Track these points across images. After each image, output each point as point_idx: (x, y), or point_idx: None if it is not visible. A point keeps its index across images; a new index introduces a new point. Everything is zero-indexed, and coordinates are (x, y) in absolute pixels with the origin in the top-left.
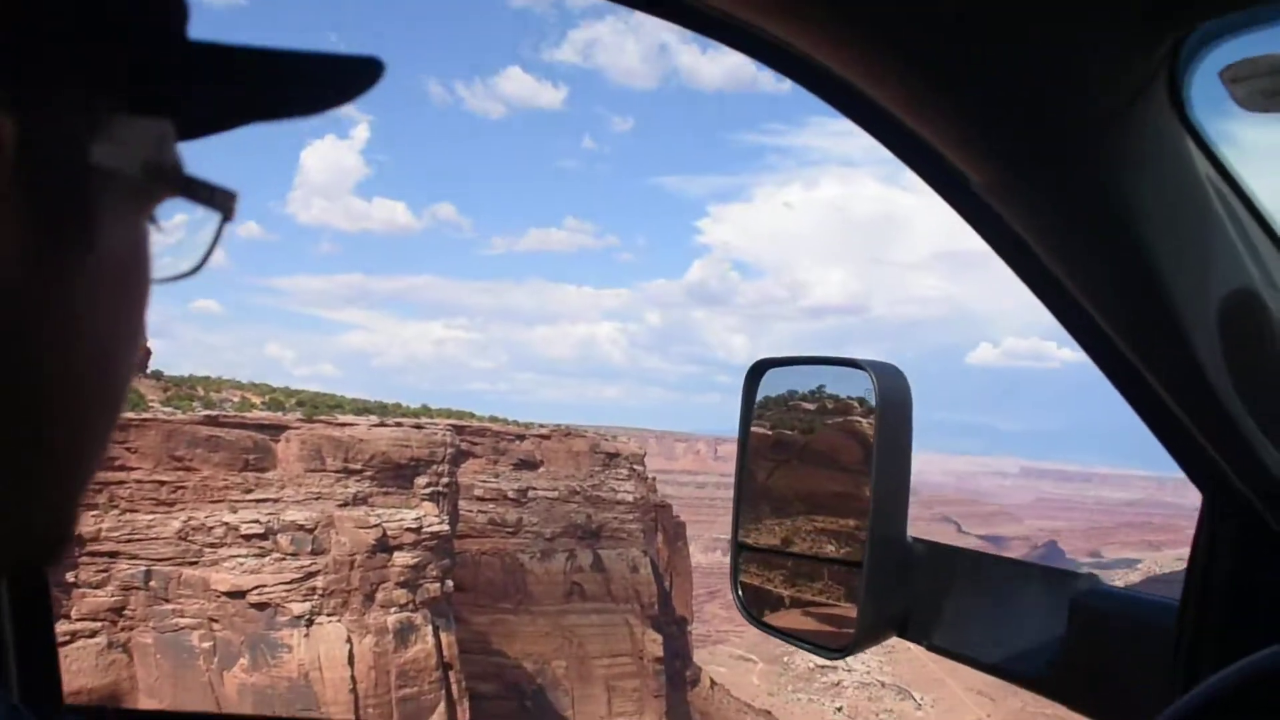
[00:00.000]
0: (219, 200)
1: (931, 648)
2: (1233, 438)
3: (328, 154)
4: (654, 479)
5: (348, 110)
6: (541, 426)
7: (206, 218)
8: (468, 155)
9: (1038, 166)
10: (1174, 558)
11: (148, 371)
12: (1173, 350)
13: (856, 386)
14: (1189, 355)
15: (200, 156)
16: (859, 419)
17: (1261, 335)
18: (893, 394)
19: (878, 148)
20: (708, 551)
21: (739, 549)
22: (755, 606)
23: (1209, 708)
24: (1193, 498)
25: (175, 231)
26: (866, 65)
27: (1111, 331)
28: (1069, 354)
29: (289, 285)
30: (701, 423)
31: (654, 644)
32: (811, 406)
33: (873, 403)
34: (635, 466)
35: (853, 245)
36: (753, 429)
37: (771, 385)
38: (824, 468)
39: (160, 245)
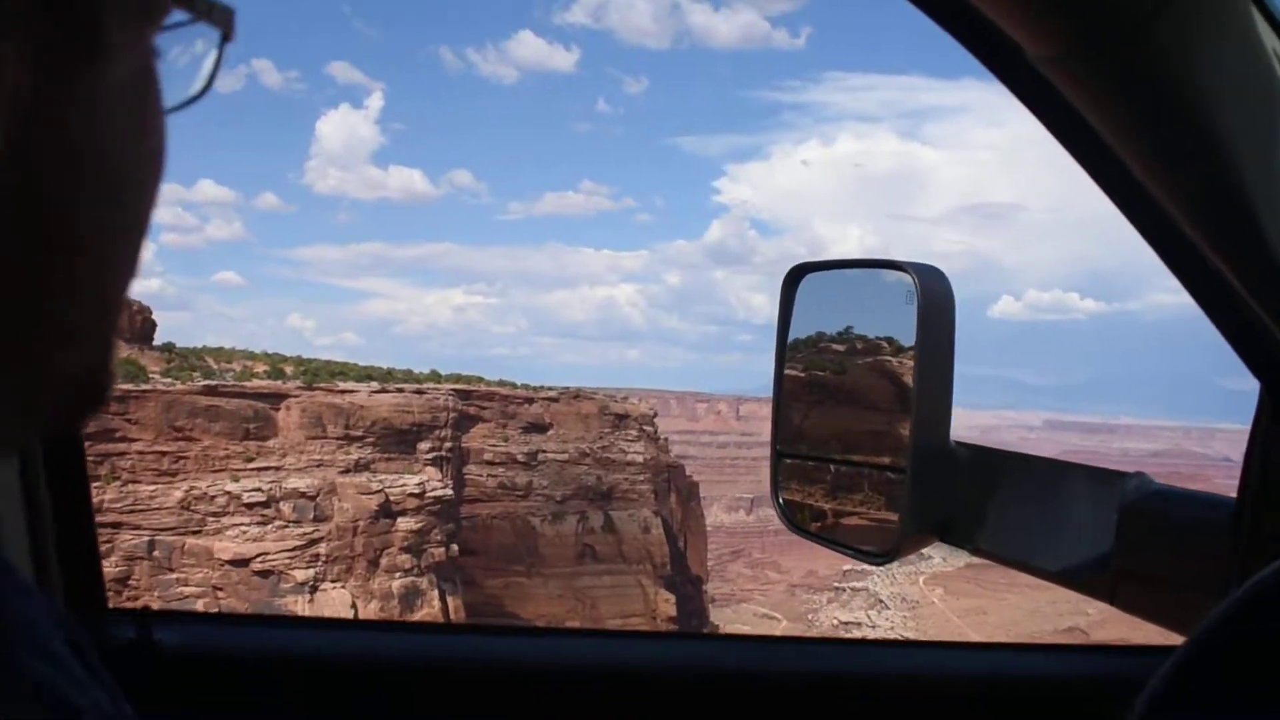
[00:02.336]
0: (217, 15)
1: (976, 551)
2: None
3: (343, 123)
4: (666, 439)
5: (360, 79)
6: (550, 389)
7: (206, 42)
8: (482, 121)
9: (1097, 37)
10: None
11: (157, 344)
12: (1239, 229)
13: (896, 300)
14: (1258, 235)
15: (220, 127)
16: (889, 358)
17: None
18: (935, 295)
19: (898, 101)
20: (731, 511)
21: (779, 457)
22: (797, 516)
23: (1261, 600)
24: (1219, 447)
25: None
26: None
27: (1173, 210)
28: (1091, 304)
29: (309, 255)
30: (722, 383)
31: (666, 603)
32: (841, 348)
33: (914, 306)
34: (645, 427)
35: (872, 201)
36: (786, 371)
37: (808, 295)
38: (857, 407)
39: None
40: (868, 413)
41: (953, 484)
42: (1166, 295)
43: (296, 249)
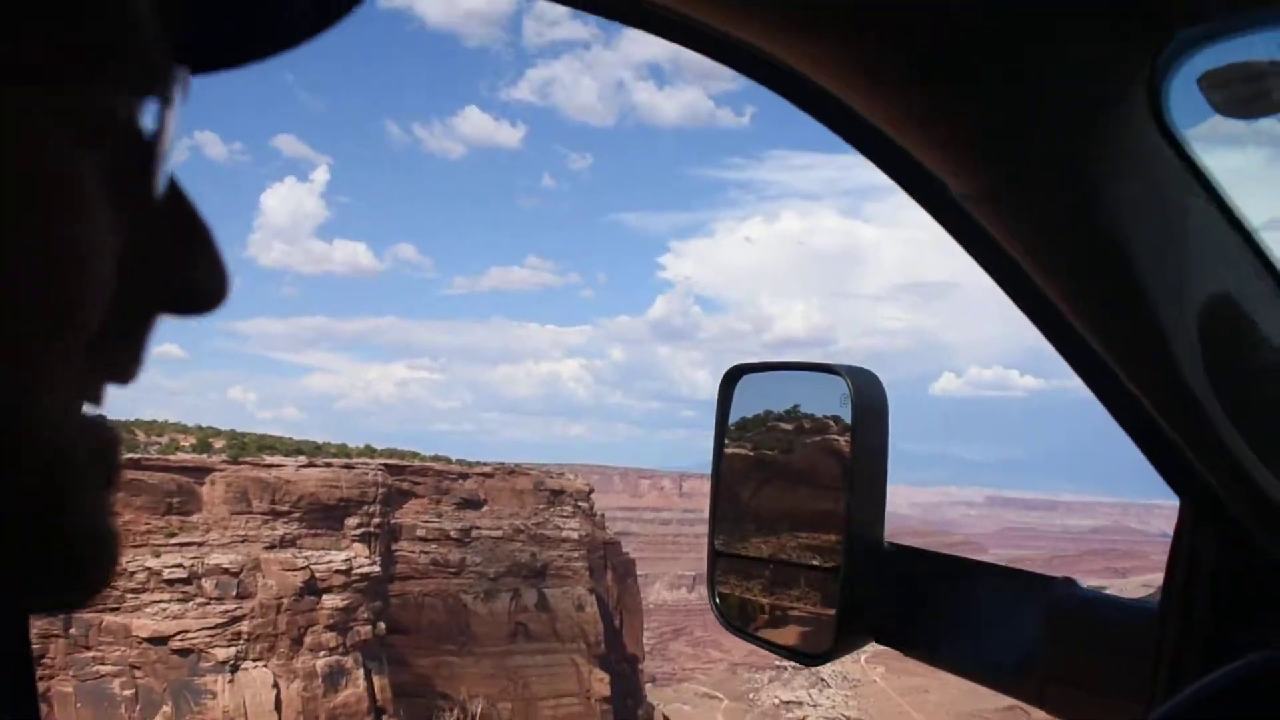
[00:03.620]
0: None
1: (909, 653)
2: (1212, 443)
3: (288, 196)
4: (602, 515)
5: (305, 152)
6: (485, 465)
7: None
8: (428, 196)
9: (1018, 174)
10: (1140, 584)
11: None
12: (1152, 357)
13: (830, 400)
14: (1169, 361)
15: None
16: (836, 436)
17: (1239, 341)
18: (868, 399)
19: (838, 180)
20: (673, 589)
21: (716, 556)
22: (734, 615)
23: (1198, 708)
24: (1157, 524)
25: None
26: (846, 74)
27: (1091, 338)
28: (1031, 382)
29: (251, 329)
30: (666, 459)
31: (600, 683)
32: (789, 426)
33: (848, 408)
34: (580, 503)
35: (815, 278)
36: (733, 450)
37: (746, 393)
38: (805, 485)
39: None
40: (816, 491)
41: (887, 585)
42: None
43: (238, 322)
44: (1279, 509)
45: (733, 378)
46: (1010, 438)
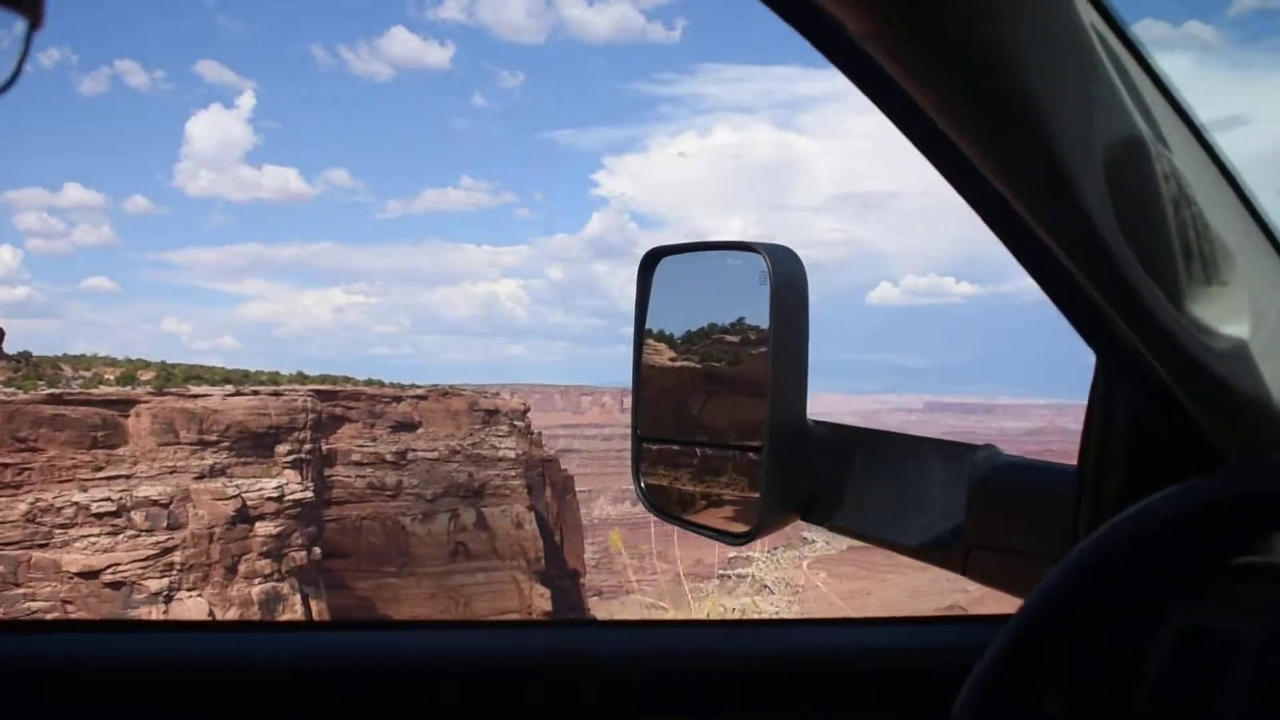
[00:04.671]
0: (23, 3)
1: (834, 528)
2: (1126, 291)
3: (214, 124)
4: (539, 434)
5: (230, 78)
6: (419, 387)
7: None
8: (358, 119)
9: (916, 10)
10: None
11: (10, 353)
12: (1058, 200)
13: (749, 278)
14: (1075, 204)
15: (85, 130)
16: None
17: (1146, 183)
18: (787, 275)
19: (772, 91)
20: (617, 503)
21: (640, 443)
22: (661, 501)
23: (1114, 547)
24: None
25: None
26: None
27: (997, 181)
28: (967, 288)
29: (182, 259)
30: (607, 375)
31: (541, 598)
32: (735, 339)
33: (768, 285)
34: (516, 422)
35: (751, 191)
36: (682, 363)
37: (665, 275)
38: (753, 396)
39: None
40: (763, 400)
41: (811, 462)
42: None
43: (169, 252)
44: (1194, 356)
45: (652, 260)
46: (947, 344)
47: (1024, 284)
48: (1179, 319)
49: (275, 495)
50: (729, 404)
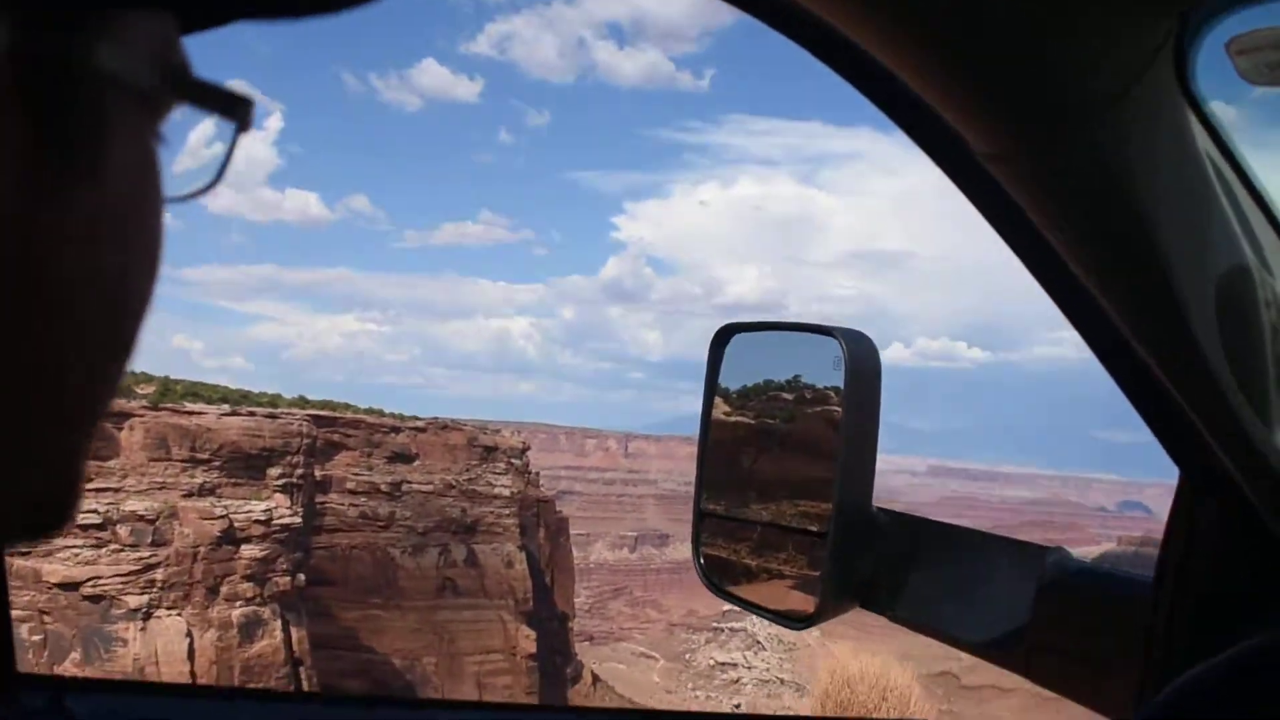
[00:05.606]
0: (235, 108)
1: (894, 619)
2: (1222, 416)
3: (239, 144)
4: (536, 473)
5: (257, 99)
6: (418, 419)
7: (219, 129)
8: (382, 147)
9: (1040, 136)
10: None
11: None
12: (1170, 327)
13: (823, 362)
14: (1186, 332)
15: None
16: (836, 408)
17: (1251, 310)
18: (862, 361)
19: (798, 147)
20: (615, 549)
21: (702, 516)
22: (718, 576)
23: (1189, 698)
24: (1095, 497)
25: (188, 148)
26: (872, 26)
27: (1105, 303)
28: (978, 354)
29: (197, 275)
30: (613, 419)
31: (527, 640)
32: (790, 396)
33: (841, 371)
34: (514, 460)
35: (768, 244)
36: (737, 418)
37: (736, 353)
38: (806, 454)
39: (169, 162)
40: (814, 460)
41: (874, 549)
42: (1047, 348)
43: (184, 269)
44: None
45: (724, 337)
46: (954, 408)
47: (1033, 353)
48: (1274, 446)
49: (263, 518)
50: (782, 461)
